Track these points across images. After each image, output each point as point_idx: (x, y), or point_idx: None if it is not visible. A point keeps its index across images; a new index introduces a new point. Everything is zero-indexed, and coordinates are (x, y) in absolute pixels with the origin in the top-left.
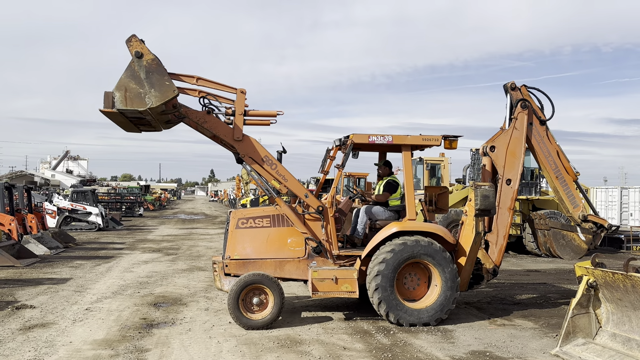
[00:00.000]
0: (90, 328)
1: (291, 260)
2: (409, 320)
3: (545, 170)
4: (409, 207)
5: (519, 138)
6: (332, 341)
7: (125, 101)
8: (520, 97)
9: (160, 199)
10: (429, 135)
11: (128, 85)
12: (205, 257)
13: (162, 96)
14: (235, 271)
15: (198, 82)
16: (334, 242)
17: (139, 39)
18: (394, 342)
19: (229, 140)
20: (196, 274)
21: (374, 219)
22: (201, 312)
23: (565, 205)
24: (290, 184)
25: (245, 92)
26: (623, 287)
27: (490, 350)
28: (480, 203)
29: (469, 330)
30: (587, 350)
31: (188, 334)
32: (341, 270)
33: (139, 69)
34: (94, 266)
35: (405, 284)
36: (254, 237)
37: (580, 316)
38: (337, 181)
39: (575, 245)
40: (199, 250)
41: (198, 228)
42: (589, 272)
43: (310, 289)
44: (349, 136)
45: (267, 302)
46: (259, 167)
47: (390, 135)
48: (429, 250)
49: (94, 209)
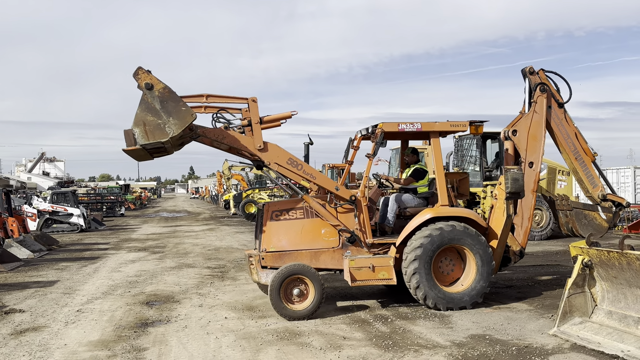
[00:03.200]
0: (84, 329)
1: (326, 251)
2: (446, 304)
3: (564, 152)
4: (441, 193)
5: (539, 121)
6: (331, 331)
7: (146, 135)
8: (539, 81)
9: (141, 198)
10: (456, 122)
11: (146, 119)
12: (192, 254)
13: (181, 122)
14: (272, 263)
15: (208, 100)
16: (367, 231)
17: (145, 70)
18: (392, 329)
19: (252, 151)
20: (185, 271)
21: (404, 206)
22: (195, 309)
23: (584, 186)
24: (319, 181)
25: (257, 100)
26: (618, 264)
27: (490, 334)
28: (510, 186)
29: (466, 314)
30: (584, 329)
31: (185, 331)
32: (377, 259)
33: (153, 100)
34: (81, 267)
35: (440, 269)
36: (288, 228)
37: (576, 296)
38: (369, 170)
39: (597, 224)
40: (185, 247)
41: (182, 225)
42: (584, 251)
43: (348, 278)
44: (377, 125)
45: (307, 293)
46: (286, 170)
47: (419, 123)
48: (465, 235)
49: (76, 210)
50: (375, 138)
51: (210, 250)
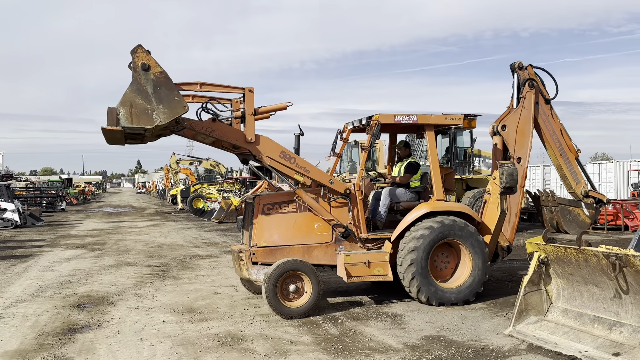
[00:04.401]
0: (1, 337)
1: (319, 246)
2: (439, 299)
3: (550, 149)
4: (437, 187)
5: (528, 117)
6: (278, 335)
7: (131, 118)
8: (527, 77)
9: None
10: (451, 115)
11: (134, 101)
12: (134, 251)
13: (171, 112)
14: (263, 259)
15: (202, 88)
16: (362, 225)
17: (145, 49)
18: (343, 331)
19: (241, 144)
20: (124, 269)
21: (396, 200)
22: (131, 312)
23: (568, 182)
24: (313, 174)
25: (253, 90)
26: (575, 261)
27: (444, 335)
28: (505, 181)
29: (418, 313)
30: (540, 328)
31: (116, 337)
32: (373, 254)
33: (146, 83)
34: (9, 267)
35: (435, 264)
36: (280, 223)
37: (532, 294)
38: (364, 164)
39: (580, 220)
40: (126, 244)
41: (125, 221)
42: (540, 248)
43: (344, 274)
44: (372, 117)
45: (302, 290)
46: (278, 164)
47: (415, 115)
48: (463, 231)
49: (10, 205)
50: (370, 130)
51: (153, 247)
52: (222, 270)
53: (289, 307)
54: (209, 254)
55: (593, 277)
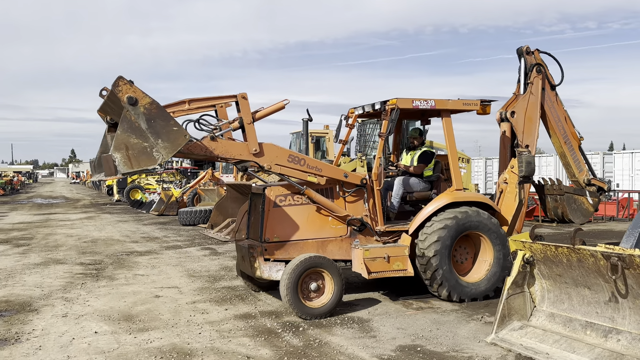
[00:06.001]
0: None
1: (333, 240)
2: (460, 295)
3: (554, 136)
4: (455, 176)
5: (535, 103)
6: (231, 348)
7: (129, 162)
8: (535, 62)
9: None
10: (468, 100)
11: (129, 142)
12: (64, 247)
13: (172, 145)
14: (276, 255)
15: (190, 105)
16: (379, 217)
17: (127, 80)
18: (306, 342)
19: (247, 157)
20: (52, 268)
21: (410, 190)
22: (57, 321)
23: (571, 170)
24: (326, 172)
25: (247, 96)
26: (567, 261)
27: (421, 344)
28: (524, 169)
29: (387, 318)
30: (526, 335)
31: (37, 354)
32: (392, 248)
33: (137, 118)
34: None
35: (454, 257)
36: (293, 216)
37: (515, 296)
38: (381, 152)
39: (584, 209)
40: (57, 239)
41: (57, 213)
42: (525, 246)
43: (363, 269)
44: (388, 102)
45: (323, 288)
46: (289, 170)
47: (432, 100)
48: (486, 222)
49: None
50: (387, 115)
51: (87, 242)
52: (164, 268)
53: (311, 307)
54: (148, 249)
55: (586, 278)
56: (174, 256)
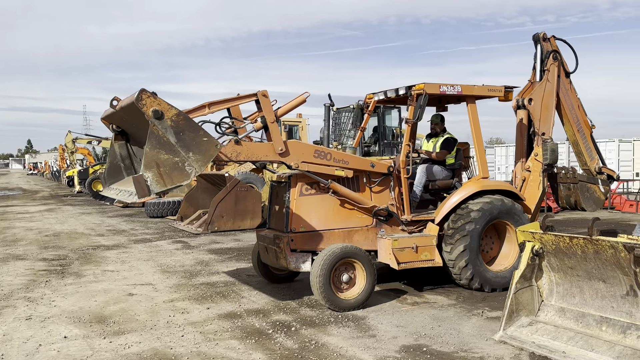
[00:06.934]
0: None
1: (359, 230)
2: (491, 285)
3: (567, 124)
4: (482, 164)
5: (551, 90)
6: (220, 353)
7: (162, 180)
8: (551, 49)
9: None
10: (493, 86)
11: (158, 159)
12: (24, 242)
13: (204, 157)
14: (302, 246)
15: (211, 109)
16: (406, 206)
17: (150, 92)
18: (302, 344)
19: (273, 158)
20: (12, 265)
21: (433, 178)
22: (21, 324)
23: (583, 158)
24: (353, 164)
25: (267, 93)
26: (582, 253)
27: (425, 344)
28: (549, 157)
29: (383, 315)
30: (537, 332)
31: None
32: (419, 238)
33: (165, 133)
34: None
35: (481, 247)
36: (320, 205)
37: (523, 290)
38: (408, 139)
39: (596, 197)
40: (15, 232)
41: (14, 206)
42: (535, 237)
43: (392, 260)
44: (413, 87)
45: (354, 279)
46: (316, 166)
47: (459, 86)
48: (513, 211)
49: None
50: (413, 101)
51: (49, 236)
52: (135, 263)
53: (343, 299)
54: (116, 243)
55: (602, 271)
56: (144, 250)
